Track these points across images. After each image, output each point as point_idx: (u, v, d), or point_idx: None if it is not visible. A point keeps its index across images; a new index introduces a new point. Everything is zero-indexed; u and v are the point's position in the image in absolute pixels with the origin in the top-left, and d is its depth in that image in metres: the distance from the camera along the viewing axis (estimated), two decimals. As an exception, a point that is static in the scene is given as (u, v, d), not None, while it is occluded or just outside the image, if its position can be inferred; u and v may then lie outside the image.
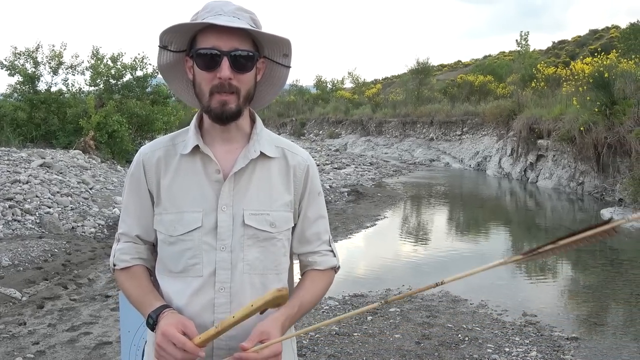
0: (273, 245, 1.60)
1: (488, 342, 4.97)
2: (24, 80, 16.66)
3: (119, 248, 1.68)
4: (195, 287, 1.56)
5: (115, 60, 17.91)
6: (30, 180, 9.88)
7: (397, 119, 30.35)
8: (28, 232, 8.22)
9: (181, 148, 1.61)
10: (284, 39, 1.56)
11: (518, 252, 1.21)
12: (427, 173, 21.41)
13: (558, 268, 8.34)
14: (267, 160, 1.62)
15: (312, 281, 1.69)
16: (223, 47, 1.48)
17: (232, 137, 1.61)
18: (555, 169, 16.30)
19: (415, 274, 7.59)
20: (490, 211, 13.80)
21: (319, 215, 1.72)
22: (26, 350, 4.68)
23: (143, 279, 1.65)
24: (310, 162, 1.71)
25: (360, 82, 46.89)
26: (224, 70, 1.47)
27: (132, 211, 1.66)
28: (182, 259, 1.57)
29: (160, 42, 1.56)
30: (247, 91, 1.54)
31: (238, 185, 1.58)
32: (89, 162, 13.51)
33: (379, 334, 5.14)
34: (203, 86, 1.52)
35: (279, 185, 1.62)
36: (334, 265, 1.74)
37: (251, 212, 1.57)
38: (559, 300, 6.58)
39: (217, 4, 1.52)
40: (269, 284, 1.59)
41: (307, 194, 1.68)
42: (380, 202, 13.63)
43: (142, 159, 1.65)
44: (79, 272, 6.91)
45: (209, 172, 1.57)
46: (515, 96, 21.06)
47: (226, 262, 1.55)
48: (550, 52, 45.21)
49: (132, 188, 1.66)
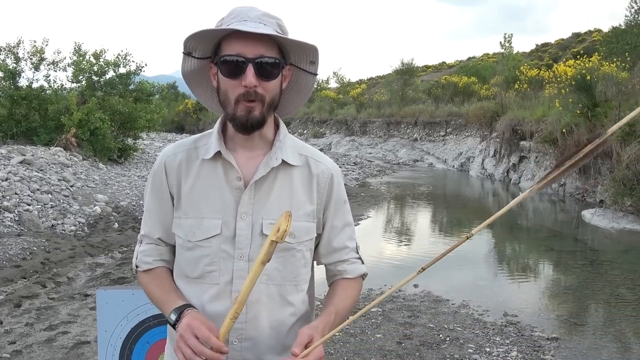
0: (292, 256, 1.56)
1: (469, 342, 4.98)
2: (5, 75, 16.43)
3: (142, 250, 1.65)
4: (211, 294, 1.54)
5: (98, 56, 17.74)
6: (10, 177, 9.74)
7: (381, 119, 30.46)
8: (6, 229, 8.10)
9: (203, 152, 1.57)
10: (311, 45, 1.52)
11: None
12: (411, 173, 21.48)
13: (539, 269, 8.41)
14: (290, 169, 1.58)
15: (344, 289, 1.66)
16: (248, 54, 1.44)
17: (255, 144, 1.57)
18: (538, 170, 16.43)
19: (398, 273, 7.58)
20: (472, 212, 13.87)
21: (345, 223, 1.68)
22: (2, 350, 4.60)
23: (165, 280, 1.62)
24: (335, 170, 1.67)
25: (345, 82, 46.94)
26: (249, 77, 1.43)
27: (154, 213, 1.63)
28: (200, 265, 1.54)
29: (184, 49, 1.51)
30: (272, 99, 1.50)
31: (258, 193, 1.54)
32: (71, 160, 13.37)
33: (360, 334, 5.13)
34: (228, 94, 1.48)
35: (300, 194, 1.58)
36: (363, 273, 1.72)
37: (270, 221, 1.53)
38: (540, 300, 6.61)
39: (243, 10, 1.48)
40: (287, 295, 1.57)
41: (332, 204, 1.64)
42: (363, 202, 13.64)
43: (165, 160, 1.61)
44: (58, 271, 6.82)
45: (230, 178, 1.54)
46: (499, 98, 21.21)
47: (243, 271, 1.52)
48: (533, 54, 45.58)
49: (154, 190, 1.63)
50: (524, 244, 10.40)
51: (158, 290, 1.60)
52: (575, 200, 14.01)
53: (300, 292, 1.63)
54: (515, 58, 32.25)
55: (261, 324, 1.55)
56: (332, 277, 1.72)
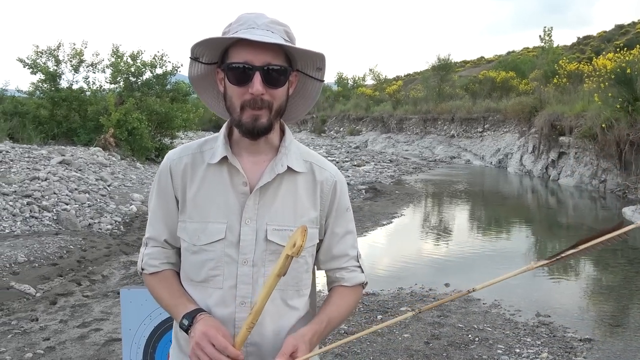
0: (295, 262, 1.55)
1: (499, 343, 4.90)
2: (46, 78, 16.88)
3: (147, 253, 1.66)
4: (215, 298, 1.55)
5: (135, 58, 18.06)
6: (49, 177, 10.01)
7: (418, 115, 30.22)
8: (45, 228, 8.32)
9: (209, 157, 1.58)
10: (318, 53, 1.52)
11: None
12: (448, 170, 21.26)
13: (575, 267, 8.21)
14: (294, 175, 1.59)
15: (340, 297, 1.67)
16: (255, 62, 1.44)
17: (261, 149, 1.58)
18: (577, 166, 16.07)
19: (429, 272, 7.51)
20: (510, 209, 13.64)
21: (346, 231, 1.69)
22: (36, 346, 4.72)
23: (174, 283, 1.63)
24: (339, 177, 1.68)
25: (382, 79, 46.68)
26: (255, 85, 1.44)
27: (160, 216, 1.64)
28: (204, 269, 1.55)
29: (191, 54, 1.53)
30: (279, 105, 1.51)
31: (263, 199, 1.55)
32: (109, 159, 13.65)
33: (388, 333, 5.09)
34: (234, 100, 1.49)
35: (304, 201, 1.59)
36: (362, 282, 1.72)
37: (274, 227, 1.54)
38: (575, 300, 6.45)
39: (251, 17, 1.49)
40: (289, 300, 1.59)
41: (334, 210, 1.65)
42: (398, 199, 13.55)
43: (170, 164, 1.63)
44: (93, 269, 6.97)
45: (235, 183, 1.55)
46: (538, 92, 20.80)
47: (247, 276, 1.53)
48: (574, 47, 44.51)
49: (160, 193, 1.64)
50: (561, 241, 10.17)
51: (166, 293, 1.62)
52: (616, 197, 13.64)
53: (303, 296, 1.64)
54: (556, 52, 31.59)
55: (265, 330, 1.56)
56: (331, 284, 1.73)
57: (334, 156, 23.85)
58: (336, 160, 21.91)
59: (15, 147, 12.35)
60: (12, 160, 10.99)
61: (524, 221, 12.10)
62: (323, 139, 36.14)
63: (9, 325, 5.12)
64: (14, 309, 5.54)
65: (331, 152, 25.59)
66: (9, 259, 6.62)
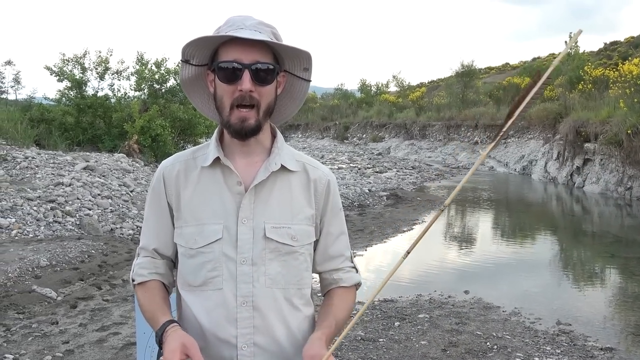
0: (295, 260, 1.59)
1: (517, 351, 4.83)
2: (72, 85, 17.14)
3: (138, 263, 1.68)
4: (215, 300, 1.55)
5: (159, 65, 18.24)
6: (73, 183, 10.15)
7: (441, 122, 30.04)
8: (68, 233, 8.43)
9: (202, 161, 1.60)
10: (304, 51, 1.55)
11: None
12: (471, 177, 21.01)
13: (599, 276, 8.08)
14: (288, 174, 1.61)
15: (341, 298, 1.68)
16: (244, 60, 1.48)
17: (252, 150, 1.60)
18: (603, 173, 15.82)
19: (449, 280, 7.44)
20: (534, 217, 13.47)
21: (341, 231, 1.71)
22: (56, 349, 4.77)
23: (156, 295, 1.63)
24: (331, 177, 1.70)
25: (405, 86, 46.51)
26: (245, 82, 1.47)
27: (152, 224, 1.66)
28: (202, 271, 1.56)
29: (182, 56, 1.56)
30: (267, 105, 1.53)
31: (259, 198, 1.56)
32: (132, 165, 13.80)
33: (405, 340, 5.06)
34: (224, 99, 1.51)
35: (300, 198, 1.61)
36: (358, 282, 1.73)
37: (272, 225, 1.56)
38: (597, 308, 6.32)
39: (239, 19, 1.53)
40: (291, 298, 1.59)
41: (329, 210, 1.66)
42: (419, 206, 13.46)
43: (163, 171, 1.65)
44: (114, 273, 7.04)
45: (230, 184, 1.57)
46: (562, 99, 20.55)
47: (247, 275, 1.54)
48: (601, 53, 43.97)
49: (153, 202, 1.66)
50: (585, 249, 10.02)
51: (149, 307, 1.61)
52: (643, 205, 13.40)
53: (304, 295, 1.65)
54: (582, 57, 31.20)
55: (270, 330, 1.56)
56: (328, 286, 1.73)
57: (356, 163, 23.79)
58: (358, 167, 21.85)
59: (41, 153, 12.56)
60: (37, 166, 11.18)
61: (548, 229, 11.94)
62: (345, 146, 36.09)
63: (29, 328, 5.19)
64: (35, 312, 5.61)
65: (353, 159, 25.54)
66: (31, 262, 6.72)
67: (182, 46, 1.52)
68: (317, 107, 48.25)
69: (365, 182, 17.23)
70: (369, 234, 9.99)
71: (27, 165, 11.09)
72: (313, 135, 44.42)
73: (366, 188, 15.68)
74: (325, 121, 44.40)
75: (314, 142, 40.14)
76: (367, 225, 10.70)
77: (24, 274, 6.43)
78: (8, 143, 13.10)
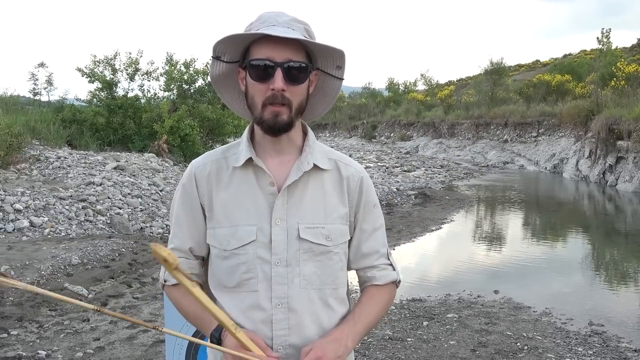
0: (330, 259, 1.57)
1: (548, 352, 4.75)
2: (103, 86, 17.36)
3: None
4: (250, 302, 1.54)
5: (188, 66, 18.40)
6: (104, 182, 10.30)
7: (470, 120, 29.76)
8: (99, 232, 8.56)
9: (233, 161, 1.59)
10: (337, 50, 1.52)
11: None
12: (500, 176, 20.84)
13: (633, 275, 7.92)
14: (320, 173, 1.59)
15: (371, 297, 1.65)
16: (277, 58, 1.45)
17: (284, 149, 1.58)
18: (636, 171, 15.50)
19: (478, 279, 7.35)
20: (565, 216, 13.25)
21: (375, 227, 1.67)
22: (87, 345, 4.84)
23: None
24: (364, 173, 1.67)
25: (433, 84, 46.19)
26: (277, 81, 1.45)
27: (185, 225, 1.63)
28: (237, 273, 1.55)
29: (213, 53, 1.54)
30: (299, 103, 1.51)
31: (292, 198, 1.55)
32: (162, 165, 13.95)
33: (434, 340, 5.01)
34: (256, 97, 1.50)
35: (333, 197, 1.59)
36: (394, 279, 1.69)
37: (306, 225, 1.54)
38: (630, 309, 6.19)
39: (271, 15, 1.50)
40: (326, 299, 1.57)
41: (362, 206, 1.64)
42: (448, 205, 13.36)
43: (194, 172, 1.62)
44: (143, 272, 7.12)
45: (262, 184, 1.55)
46: (594, 96, 20.20)
47: (282, 277, 1.52)
48: (635, 49, 43.02)
49: (185, 201, 1.63)
50: (618, 249, 9.82)
51: (193, 307, 1.58)
52: (679, 203, 13.10)
53: (340, 295, 1.62)
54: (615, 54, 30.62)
55: (304, 330, 1.55)
56: (363, 284, 1.71)
57: (384, 162, 23.70)
58: (386, 166, 21.77)
59: (73, 154, 12.76)
60: (69, 165, 11.37)
61: (580, 228, 11.73)
62: (373, 145, 35.98)
63: (61, 325, 5.27)
64: (66, 310, 5.70)
65: (381, 158, 25.44)
66: (63, 261, 6.83)
67: (213, 43, 1.51)
68: (345, 106, 48.18)
69: (393, 181, 17.15)
70: (397, 232, 9.93)
71: (60, 165, 11.28)
72: (341, 134, 44.41)
73: (394, 187, 15.61)
74: (353, 120, 44.34)
75: (341, 141, 40.10)
76: (395, 224, 10.64)
77: (56, 271, 6.54)
78: (41, 143, 13.33)
